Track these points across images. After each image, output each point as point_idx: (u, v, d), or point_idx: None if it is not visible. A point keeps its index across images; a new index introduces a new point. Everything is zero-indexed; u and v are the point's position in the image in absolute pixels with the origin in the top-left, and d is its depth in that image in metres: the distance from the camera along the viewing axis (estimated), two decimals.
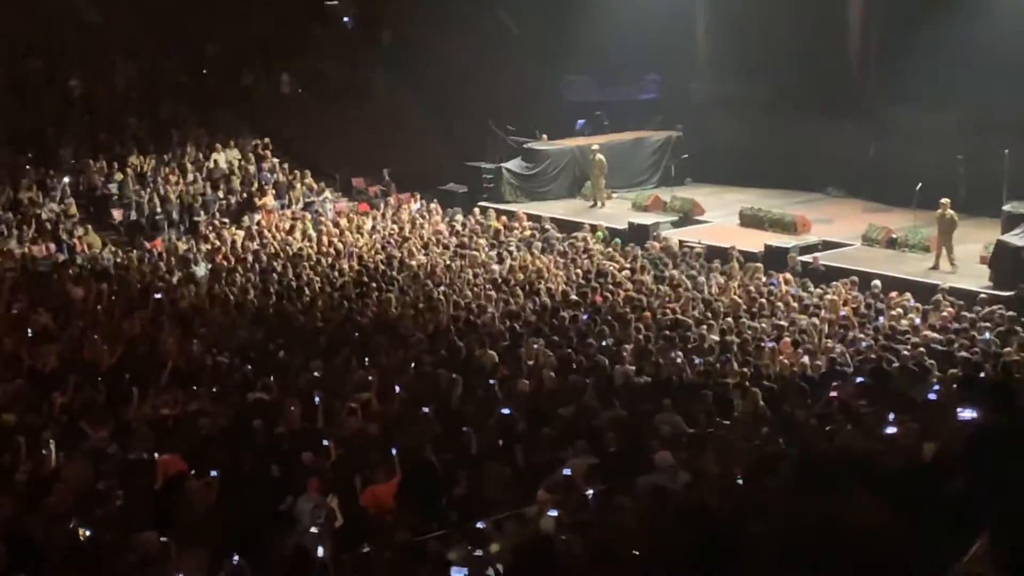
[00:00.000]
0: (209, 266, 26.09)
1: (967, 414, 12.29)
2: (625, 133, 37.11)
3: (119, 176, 32.29)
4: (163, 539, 10.39)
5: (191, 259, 26.47)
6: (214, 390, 16.78)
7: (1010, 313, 21.79)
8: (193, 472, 12.70)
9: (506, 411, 15.02)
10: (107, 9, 38.39)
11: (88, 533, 10.95)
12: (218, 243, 27.94)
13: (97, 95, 36.29)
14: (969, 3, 30.33)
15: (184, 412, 15.64)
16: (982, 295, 23.34)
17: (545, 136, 36.36)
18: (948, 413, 12.72)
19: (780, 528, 7.68)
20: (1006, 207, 25.96)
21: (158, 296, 23.16)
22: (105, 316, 21.91)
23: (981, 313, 21.84)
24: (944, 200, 26.05)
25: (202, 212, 31.42)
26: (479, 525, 11.00)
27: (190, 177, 33.15)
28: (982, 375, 17.09)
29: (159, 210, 31.21)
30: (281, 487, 12.63)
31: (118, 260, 27.05)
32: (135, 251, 27.97)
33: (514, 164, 35.13)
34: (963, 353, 18.72)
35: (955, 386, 16.14)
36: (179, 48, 38.65)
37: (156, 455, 13.38)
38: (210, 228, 30.02)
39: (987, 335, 20.21)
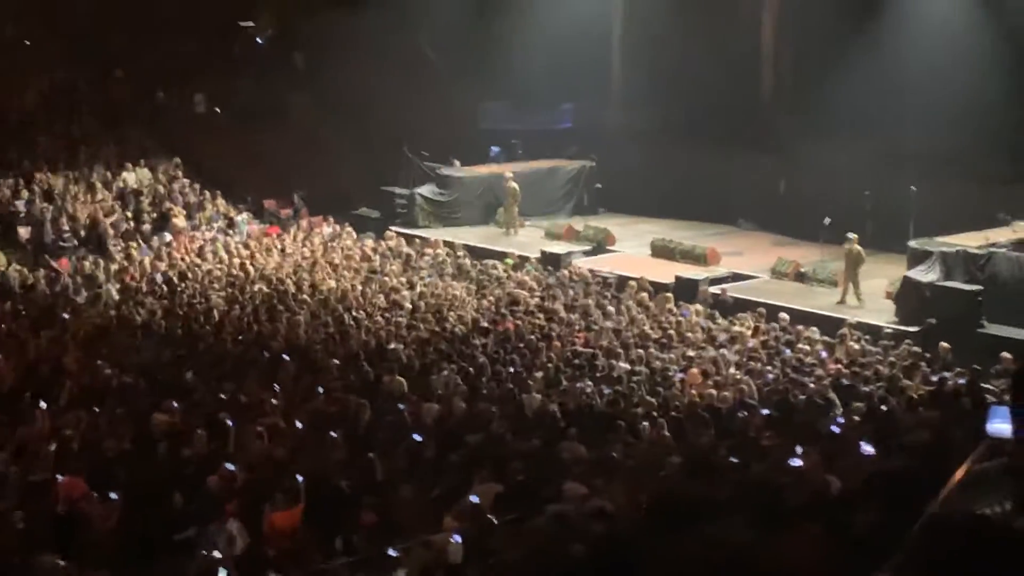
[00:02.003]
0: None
1: (869, 449, 12.45)
2: (540, 161, 37.21)
3: (26, 194, 31.83)
4: (63, 563, 10.23)
5: (98, 279, 26.13)
6: (118, 411, 16.55)
7: (915, 348, 22.12)
8: (95, 495, 12.51)
9: (417, 437, 14.97)
10: (20, 24, 37.90)
11: None
12: (126, 263, 27.61)
13: (7, 111, 35.78)
14: (878, 40, 30.83)
15: (87, 433, 15.42)
16: (887, 330, 23.65)
17: (459, 163, 36.38)
18: (852, 446, 12.88)
19: (685, 557, 7.72)
20: (912, 243, 26.31)
21: (64, 316, 22.85)
22: (8, 335, 21.56)
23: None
24: (852, 235, 26.39)
25: (111, 231, 31.00)
26: (387, 552, 10.94)
27: (99, 196, 32.75)
28: (885, 408, 17.32)
29: (66, 229, 30.77)
30: (185, 511, 12.48)
31: (23, 279, 26.62)
32: (41, 270, 27.54)
33: (428, 190, 35.08)
34: (867, 387, 18.97)
35: (858, 419, 16.36)
36: (91, 65, 38.19)
37: (58, 477, 13.17)
38: (118, 248, 29.65)
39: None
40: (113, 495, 12.37)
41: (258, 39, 42.43)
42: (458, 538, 10.93)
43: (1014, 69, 28.59)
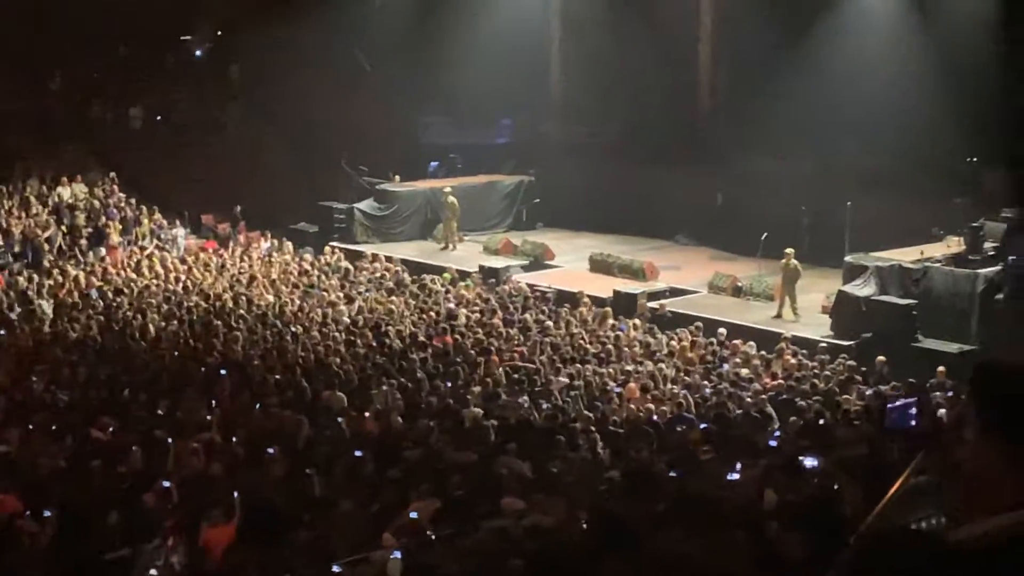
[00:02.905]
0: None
1: (809, 462, 12.53)
2: (478, 176, 37.26)
3: None
4: None
5: (32, 294, 25.85)
6: (53, 428, 16.38)
7: (851, 362, 22.31)
8: (28, 512, 12.37)
9: (357, 453, 14.92)
10: None
11: None
12: (61, 279, 27.33)
13: None
14: (814, 57, 31.15)
15: (21, 450, 15.25)
16: (823, 344, 23.84)
17: (398, 177, 36.34)
18: (790, 460, 12.95)
19: (623, 571, 7.73)
20: (848, 258, 26.55)
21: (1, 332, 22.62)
22: None
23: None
24: (788, 250, 26.61)
25: (46, 246, 30.70)
26: (332, 568, 10.89)
27: (34, 211, 32.43)
28: (821, 422, 17.44)
29: (0, 244, 30.43)
30: (121, 529, 12.37)
31: None
32: None
33: (366, 204, 35.02)
34: (803, 401, 19.10)
35: (795, 433, 16.46)
36: (25, 78, 37.81)
37: None
38: (53, 263, 29.37)
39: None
40: (47, 512, 12.24)
41: (195, 52, 42.19)
42: (398, 554, 10.90)
43: (947, 89, 28.92)
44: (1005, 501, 3.21)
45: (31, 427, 16.29)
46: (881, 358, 22.43)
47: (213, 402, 17.96)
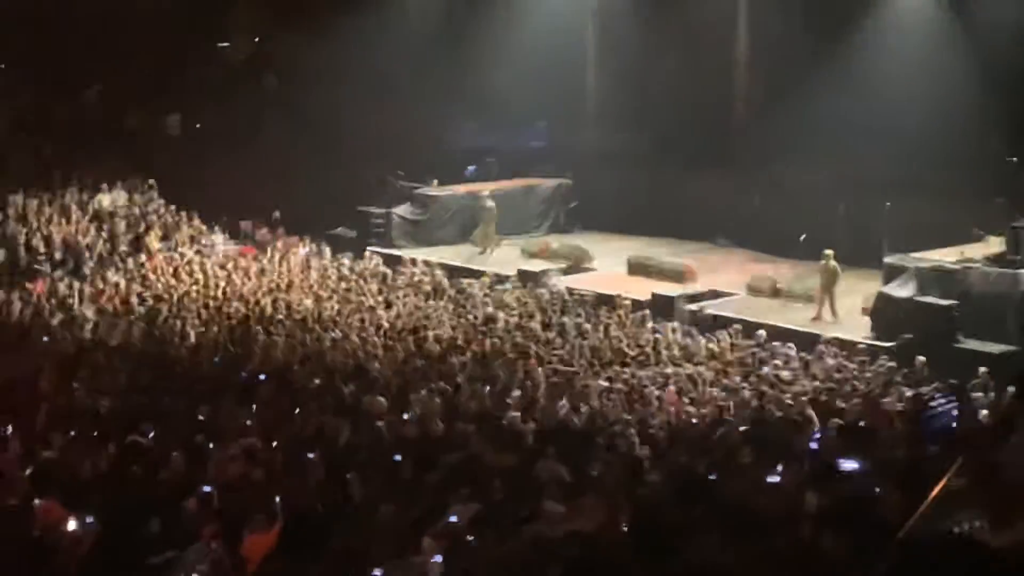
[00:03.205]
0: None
1: (848, 465, 12.46)
2: (515, 180, 37.28)
3: (0, 216, 31.73)
4: None
5: (73, 302, 26.01)
6: (94, 434, 16.47)
7: (891, 364, 22.20)
8: (72, 518, 12.44)
9: (396, 457, 14.94)
10: None
11: None
12: (102, 286, 27.50)
13: None
14: (850, 60, 31.11)
15: (64, 457, 15.33)
16: (863, 346, 23.73)
17: (436, 182, 36.41)
18: (829, 464, 12.89)
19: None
20: (887, 259, 26.43)
21: (39, 339, 22.76)
22: None
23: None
24: (827, 251, 26.50)
25: (86, 254, 30.88)
26: (372, 573, 10.90)
27: (74, 218, 32.65)
28: (861, 424, 17.35)
29: (41, 251, 30.64)
30: (162, 535, 12.41)
31: None
32: (16, 293, 27.41)
33: (404, 209, 35.11)
34: (844, 403, 19.01)
35: (836, 436, 16.38)
36: (64, 86, 38.05)
37: (35, 500, 13.08)
38: (94, 271, 29.55)
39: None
40: (89, 519, 12.30)
41: (233, 61, 42.38)
42: (439, 558, 10.90)
43: (985, 89, 28.78)
44: None
45: (73, 433, 16.38)
46: (921, 359, 22.30)
47: (253, 407, 18.01)
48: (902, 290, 25.20)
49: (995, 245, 25.97)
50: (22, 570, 10.78)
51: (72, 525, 12.21)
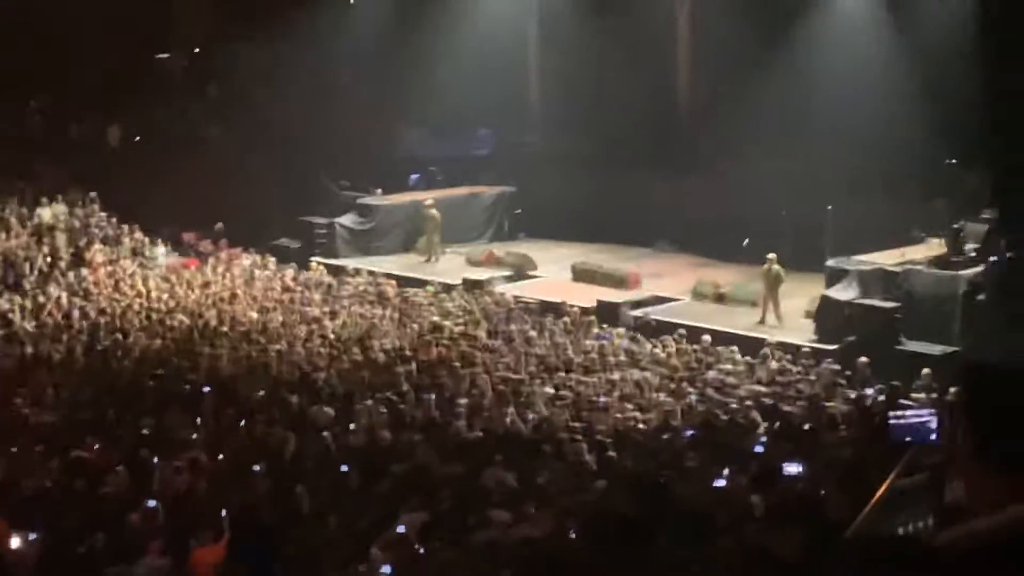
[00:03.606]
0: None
1: (792, 468, 12.54)
2: (459, 188, 37.28)
3: None
4: None
5: (13, 317, 25.73)
6: (38, 449, 16.31)
7: (835, 367, 22.36)
8: (15, 535, 12.33)
9: (344, 468, 14.90)
10: None
11: None
12: (43, 300, 27.21)
13: None
14: (793, 61, 31.26)
15: (7, 473, 15.19)
16: (807, 349, 23.89)
17: (379, 191, 36.34)
18: (775, 466, 12.97)
19: None
20: (830, 262, 26.62)
21: None
22: None
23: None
24: (770, 255, 26.66)
25: (27, 268, 30.56)
26: None
27: (14, 232, 32.32)
28: (806, 427, 17.47)
29: None
30: (108, 550, 12.32)
31: None
32: None
33: (348, 219, 35.02)
34: (788, 406, 19.13)
35: (780, 439, 16.50)
36: (2, 99, 37.63)
37: None
38: (35, 285, 29.26)
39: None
40: (33, 535, 12.19)
41: (172, 71, 42.10)
42: (387, 569, 10.88)
43: (925, 91, 29.02)
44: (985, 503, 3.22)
45: (15, 449, 16.22)
46: (863, 359, 22.49)
47: (198, 420, 17.90)
48: (845, 293, 25.40)
49: (936, 247, 26.22)
50: None
51: (16, 543, 12.10)
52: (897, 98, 29.46)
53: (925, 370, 21.68)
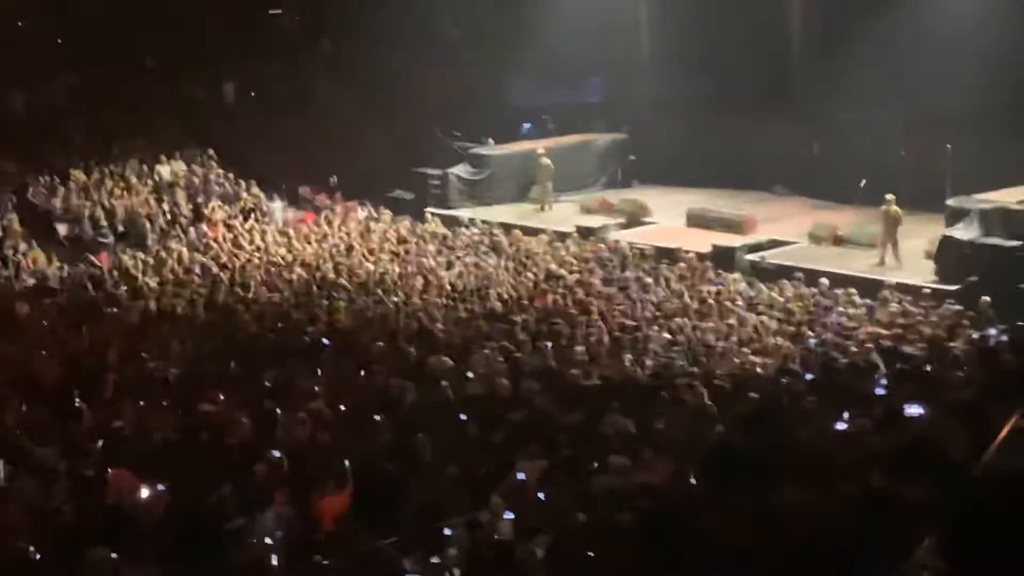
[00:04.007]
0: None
1: (914, 410, 12.38)
2: (571, 136, 37.19)
3: (62, 190, 31.98)
4: (114, 555, 10.30)
5: (136, 273, 26.21)
6: (164, 403, 16.63)
7: (957, 307, 22.01)
8: (144, 486, 12.58)
9: (462, 417, 14.99)
10: (38, 20, 37.98)
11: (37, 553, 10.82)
12: (165, 256, 27.69)
13: (36, 108, 35.97)
14: (900, 5, 30.62)
15: (134, 425, 15.50)
16: (927, 290, 23.54)
17: (492, 141, 36.37)
18: (896, 409, 12.82)
19: (732, 525, 7.71)
20: (950, 202, 26.19)
21: (110, 310, 22.96)
22: (51, 332, 21.68)
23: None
24: (889, 196, 26.27)
25: (148, 224, 31.09)
26: (437, 531, 10.98)
27: (135, 190, 32.88)
28: (928, 368, 17.24)
29: (104, 224, 30.89)
30: (234, 500, 12.53)
31: (64, 275, 26.78)
32: (81, 265, 27.69)
33: (461, 169, 35.13)
34: (910, 348, 18.88)
35: (902, 381, 16.28)
36: (117, 58, 38.16)
37: (107, 470, 13.25)
38: (157, 241, 29.79)
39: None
40: (161, 487, 12.44)
41: (285, 26, 42.41)
42: (509, 514, 10.96)
43: None
44: None
45: (142, 403, 16.55)
46: (985, 298, 22.11)
47: (318, 372, 18.12)
48: (966, 232, 24.96)
49: None
50: (98, 537, 10.92)
51: (145, 493, 12.36)
52: (1016, 30, 28.73)
53: None
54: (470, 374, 17.80)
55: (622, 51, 37.36)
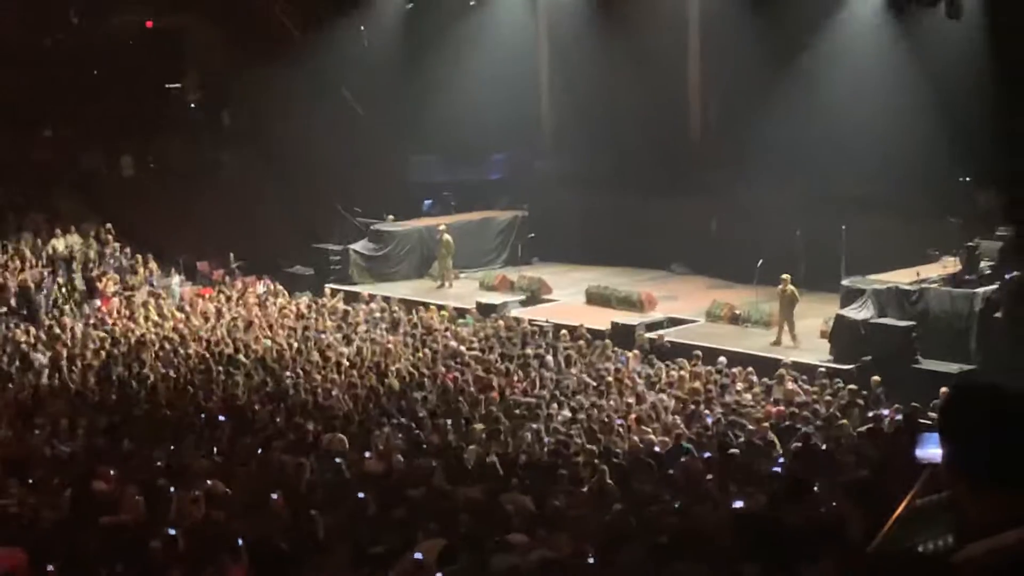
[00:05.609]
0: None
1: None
2: (472, 213, 37.30)
3: None
4: None
5: (28, 349, 25.77)
6: (54, 480, 16.30)
7: (851, 386, 22.27)
8: (33, 566, 12.30)
9: (360, 495, 14.85)
10: None
11: None
12: (58, 331, 27.26)
13: None
14: (804, 82, 31.18)
15: (23, 504, 15.17)
16: (823, 369, 23.81)
17: (392, 217, 36.37)
18: (794, 486, 12.90)
19: None
20: (845, 282, 26.55)
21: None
22: None
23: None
24: (785, 276, 26.60)
25: (42, 300, 30.62)
26: None
27: (29, 263, 32.40)
28: (824, 447, 17.41)
29: None
30: None
31: None
32: None
33: (361, 245, 35.05)
34: (805, 427, 19.05)
35: (798, 459, 16.44)
36: (15, 130, 37.72)
37: None
38: (50, 316, 29.33)
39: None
40: (50, 567, 12.17)
41: (186, 100, 42.20)
42: None
43: (937, 109, 28.90)
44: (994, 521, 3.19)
45: (32, 480, 16.22)
46: (876, 378, 22.41)
47: (214, 449, 17.89)
48: (860, 312, 25.32)
49: (951, 265, 26.13)
50: None
51: (34, 573, 12.08)
52: (909, 117, 29.30)
53: (943, 389, 21.55)
54: (368, 452, 17.68)
55: (523, 129, 37.64)
